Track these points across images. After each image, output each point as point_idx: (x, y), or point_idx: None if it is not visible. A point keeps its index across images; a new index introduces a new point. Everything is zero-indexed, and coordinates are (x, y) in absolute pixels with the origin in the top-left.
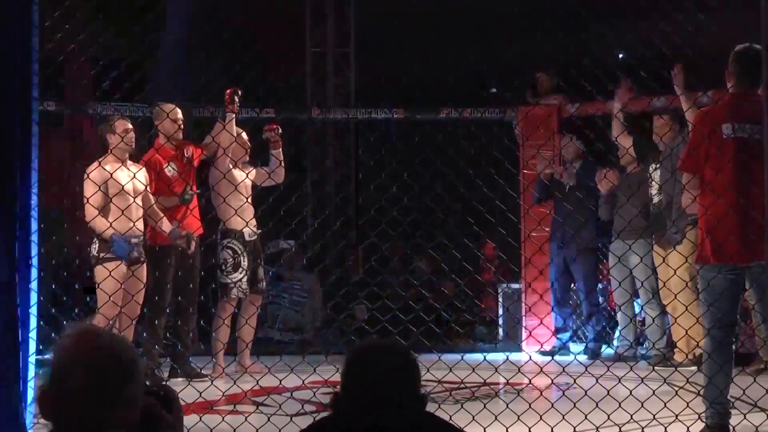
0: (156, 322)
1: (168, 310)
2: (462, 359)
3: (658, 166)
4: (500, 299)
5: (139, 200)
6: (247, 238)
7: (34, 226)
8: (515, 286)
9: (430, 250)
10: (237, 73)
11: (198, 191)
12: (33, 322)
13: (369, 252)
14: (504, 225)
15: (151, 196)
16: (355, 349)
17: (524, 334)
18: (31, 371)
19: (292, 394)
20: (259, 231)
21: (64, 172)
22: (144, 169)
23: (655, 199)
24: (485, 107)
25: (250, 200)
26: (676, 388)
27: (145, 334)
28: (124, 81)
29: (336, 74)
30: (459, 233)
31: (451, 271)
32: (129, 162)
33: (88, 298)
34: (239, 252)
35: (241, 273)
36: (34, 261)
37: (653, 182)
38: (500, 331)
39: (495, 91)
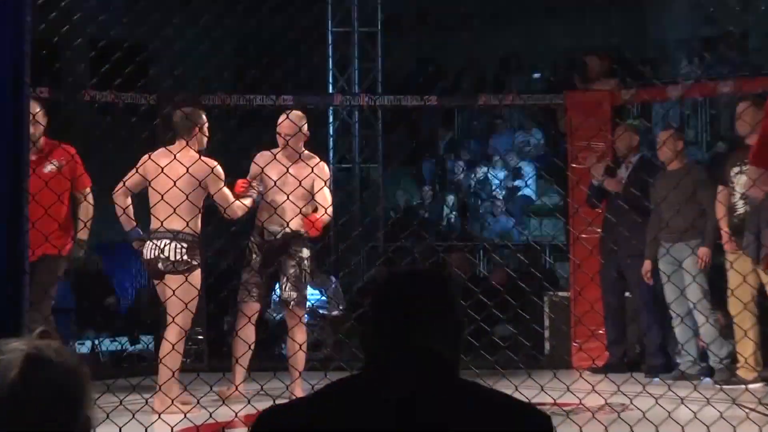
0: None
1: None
2: (503, 377)
3: (742, 168)
4: (546, 308)
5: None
6: (265, 237)
7: (25, 226)
8: (563, 293)
9: (467, 254)
10: (251, 55)
11: None
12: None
13: (398, 254)
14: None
15: None
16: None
17: (573, 349)
18: None
19: None
20: (286, 230)
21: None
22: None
23: (740, 209)
24: (529, 94)
25: (292, 198)
26: (746, 411)
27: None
28: (126, 65)
29: (361, 57)
30: (504, 234)
31: (492, 276)
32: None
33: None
34: (252, 250)
35: (249, 273)
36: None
37: (735, 188)
38: (546, 344)
39: (539, 75)
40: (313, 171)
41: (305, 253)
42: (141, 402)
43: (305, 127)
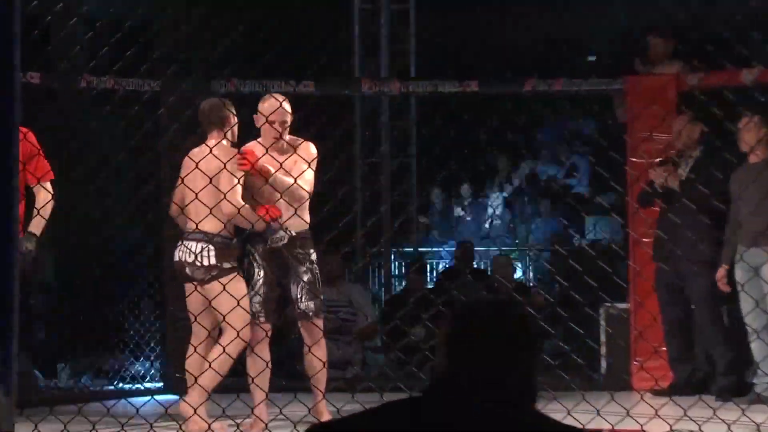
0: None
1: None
2: (554, 399)
3: None
4: (602, 322)
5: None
6: (269, 243)
7: (14, 231)
8: (621, 305)
9: (515, 261)
10: (266, 36)
11: None
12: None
13: (434, 260)
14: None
15: None
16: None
17: (634, 368)
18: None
19: None
20: (292, 236)
21: None
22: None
23: None
24: (582, 78)
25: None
26: None
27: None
28: (127, 47)
29: (392, 38)
30: (553, 235)
31: (540, 284)
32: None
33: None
34: (254, 264)
35: (253, 289)
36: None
37: None
38: (602, 362)
39: (594, 58)
40: (296, 152)
41: (314, 255)
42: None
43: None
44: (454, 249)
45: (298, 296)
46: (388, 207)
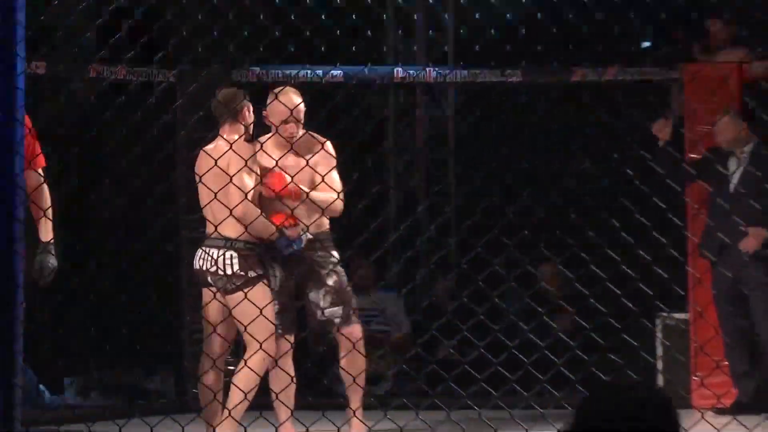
0: None
1: None
2: None
3: None
4: (659, 334)
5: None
6: (284, 251)
7: (19, 234)
8: (680, 315)
9: (560, 267)
10: (291, 21)
11: None
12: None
13: (474, 267)
14: (664, 230)
15: None
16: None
17: (693, 384)
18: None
19: None
20: (311, 237)
21: None
22: None
23: None
24: (636, 67)
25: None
26: None
27: None
28: (141, 34)
29: (427, 22)
30: (611, 242)
31: (591, 294)
32: None
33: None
34: (268, 270)
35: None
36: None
37: None
38: (659, 378)
39: (649, 45)
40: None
41: (335, 255)
42: None
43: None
44: None
45: (321, 303)
46: (424, 207)
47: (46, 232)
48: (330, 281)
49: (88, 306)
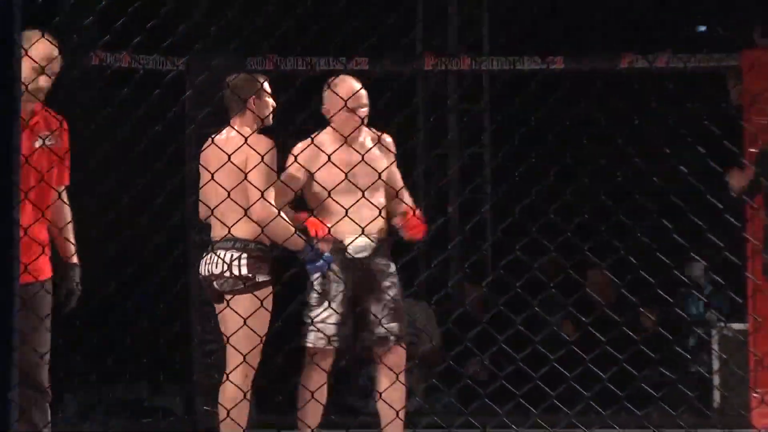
0: None
1: None
2: None
3: None
4: (715, 346)
5: None
6: (348, 255)
7: (15, 236)
8: (738, 325)
9: (606, 272)
10: (312, 5)
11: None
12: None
13: (511, 273)
14: (720, 232)
15: None
16: None
17: (753, 401)
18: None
19: None
20: (375, 244)
21: None
22: None
23: None
24: (689, 53)
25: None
26: None
27: None
28: (147, 19)
29: (461, 6)
30: (654, 243)
31: (641, 301)
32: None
33: None
34: (330, 277)
35: (328, 310)
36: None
37: None
38: (715, 394)
39: (704, 29)
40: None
41: (393, 267)
42: None
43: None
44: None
45: (379, 317)
46: (456, 207)
47: (71, 254)
48: (391, 293)
49: (87, 315)
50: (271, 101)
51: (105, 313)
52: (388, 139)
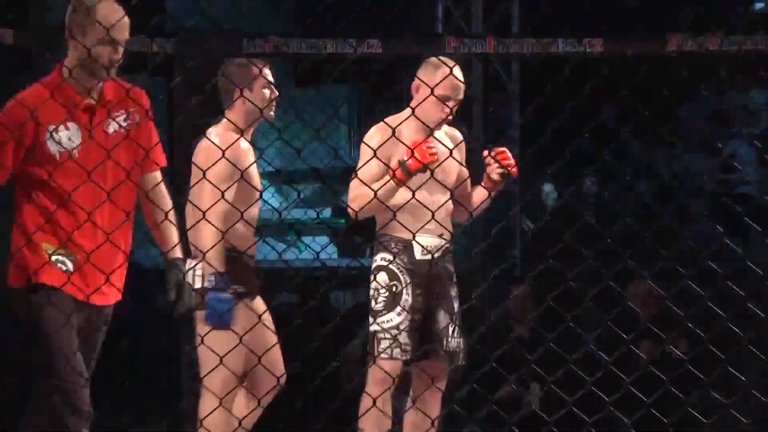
0: None
1: None
2: None
3: None
4: None
5: None
6: (418, 256)
7: None
8: None
9: (651, 283)
10: None
11: None
12: None
13: (544, 284)
14: None
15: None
16: None
17: None
18: None
19: None
20: (446, 245)
21: None
22: None
23: None
24: (746, 35)
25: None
26: None
27: None
28: None
29: None
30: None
31: (689, 316)
32: None
33: None
34: (400, 279)
35: (401, 315)
36: None
37: None
38: None
39: (762, 5)
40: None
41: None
42: None
43: None
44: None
45: (450, 330)
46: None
47: (174, 245)
48: (456, 304)
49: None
50: (267, 92)
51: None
52: (459, 135)
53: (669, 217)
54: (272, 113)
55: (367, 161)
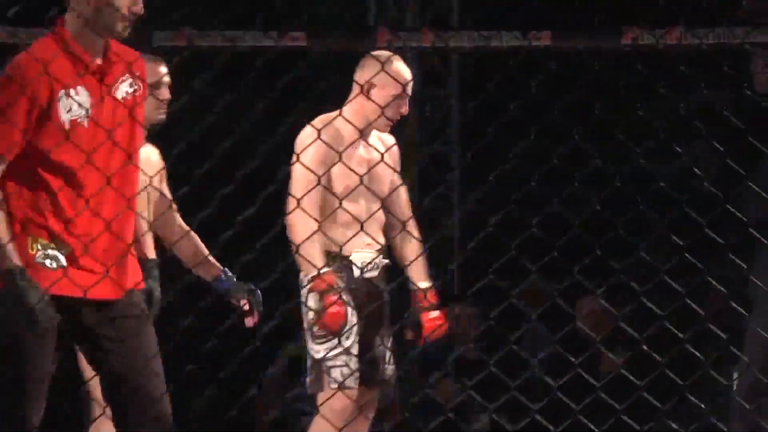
0: None
1: None
2: None
3: None
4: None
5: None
6: (357, 271)
7: None
8: None
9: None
10: None
11: None
12: None
13: (484, 297)
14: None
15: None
16: None
17: None
18: None
19: None
20: (381, 260)
21: None
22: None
23: None
24: (707, 27)
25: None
26: None
27: None
28: None
29: None
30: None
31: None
32: None
33: None
34: (346, 299)
35: (349, 338)
36: None
37: None
38: None
39: None
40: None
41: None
42: None
43: None
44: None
45: (387, 356)
46: (419, 212)
47: (150, 247)
48: (389, 329)
49: None
50: (162, 91)
51: None
52: (392, 140)
53: (624, 226)
54: (163, 116)
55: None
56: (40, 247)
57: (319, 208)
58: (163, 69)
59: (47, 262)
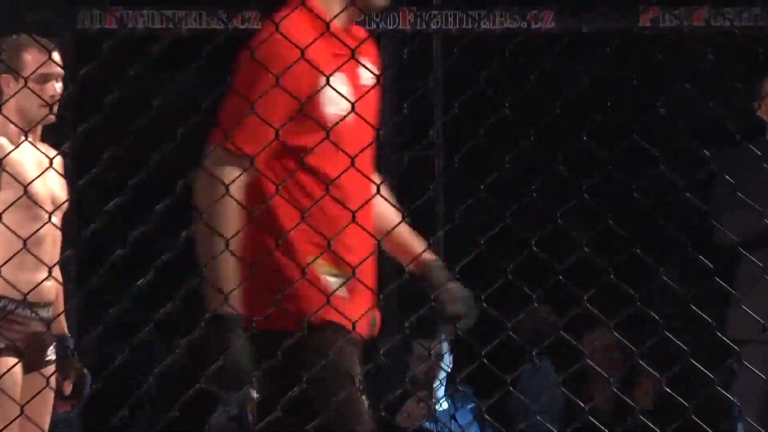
0: None
1: None
2: None
3: None
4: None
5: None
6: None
7: None
8: None
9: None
10: None
11: None
12: None
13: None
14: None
15: None
16: None
17: None
18: None
19: None
20: None
21: None
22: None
23: None
24: (736, 8)
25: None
26: None
27: None
28: None
29: None
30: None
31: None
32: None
33: None
34: None
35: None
36: None
37: None
38: None
39: None
40: None
41: None
42: None
43: None
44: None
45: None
46: (405, 211)
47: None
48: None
49: None
50: (48, 86)
51: None
52: None
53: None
54: (52, 117)
55: None
56: (326, 272)
57: None
58: (55, 56)
59: (338, 291)
